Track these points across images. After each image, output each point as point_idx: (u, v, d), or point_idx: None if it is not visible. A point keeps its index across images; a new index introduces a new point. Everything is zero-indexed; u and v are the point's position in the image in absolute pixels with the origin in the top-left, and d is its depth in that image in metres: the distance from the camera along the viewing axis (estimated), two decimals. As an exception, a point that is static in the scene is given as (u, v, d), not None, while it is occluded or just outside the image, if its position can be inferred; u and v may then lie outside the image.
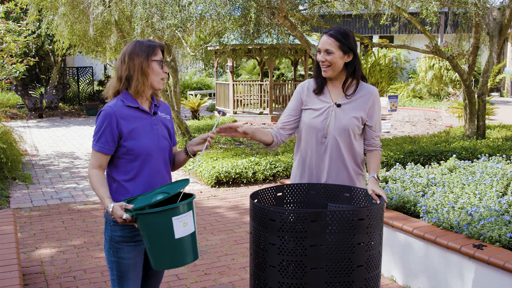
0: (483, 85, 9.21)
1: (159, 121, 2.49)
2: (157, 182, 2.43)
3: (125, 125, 2.37)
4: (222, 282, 3.95)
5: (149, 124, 2.43)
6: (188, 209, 2.13)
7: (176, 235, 2.10)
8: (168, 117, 2.58)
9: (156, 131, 2.45)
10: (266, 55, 14.38)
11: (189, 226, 2.13)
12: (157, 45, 2.42)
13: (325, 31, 2.72)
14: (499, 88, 20.98)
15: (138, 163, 2.39)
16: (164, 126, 2.51)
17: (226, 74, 23.61)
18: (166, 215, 2.08)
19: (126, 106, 2.40)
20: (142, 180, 2.39)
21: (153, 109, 2.48)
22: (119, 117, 2.36)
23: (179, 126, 10.15)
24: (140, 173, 2.39)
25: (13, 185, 7.13)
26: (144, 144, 2.39)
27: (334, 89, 2.76)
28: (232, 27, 7.87)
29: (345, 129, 2.67)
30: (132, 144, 2.37)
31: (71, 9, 8.92)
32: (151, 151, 2.41)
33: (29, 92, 16.37)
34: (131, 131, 2.38)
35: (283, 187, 2.65)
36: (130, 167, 2.39)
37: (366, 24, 10.29)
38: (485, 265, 3.17)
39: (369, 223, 2.16)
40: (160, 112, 2.53)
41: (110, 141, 2.36)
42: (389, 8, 7.74)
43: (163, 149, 2.47)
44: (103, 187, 2.33)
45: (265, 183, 7.18)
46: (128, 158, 2.38)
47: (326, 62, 2.66)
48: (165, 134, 2.51)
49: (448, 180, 4.75)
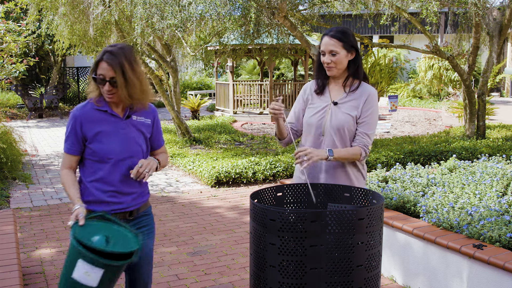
0: (483, 85, 9.21)
1: (132, 125, 2.47)
2: (125, 186, 2.44)
3: (90, 128, 2.40)
4: (222, 282, 3.95)
5: (117, 128, 2.43)
6: (103, 268, 2.09)
7: (74, 274, 2.10)
8: (148, 121, 2.54)
9: (124, 136, 2.44)
10: (266, 55, 14.38)
11: (90, 279, 2.10)
12: (98, 60, 2.36)
13: (324, 33, 2.74)
14: (499, 88, 20.97)
15: (104, 165, 2.41)
16: (138, 130, 2.48)
17: (226, 74, 23.60)
18: (78, 252, 2.09)
19: (95, 109, 2.42)
20: (108, 183, 2.41)
21: (126, 113, 2.46)
22: (84, 120, 2.40)
23: (179, 126, 10.14)
24: (106, 176, 2.41)
25: (13, 185, 7.13)
26: (109, 147, 2.40)
27: (334, 88, 2.81)
28: (232, 27, 7.87)
29: (340, 127, 2.71)
30: (97, 147, 2.40)
31: (71, 9, 8.92)
32: (117, 155, 2.41)
33: (29, 92, 16.36)
34: (96, 134, 2.40)
35: (283, 187, 2.65)
36: (96, 169, 2.42)
37: (366, 24, 10.29)
38: (485, 265, 3.17)
39: (369, 222, 2.16)
40: (138, 116, 2.49)
41: (76, 142, 2.41)
42: (389, 8, 7.74)
43: (132, 154, 2.45)
44: (73, 186, 2.38)
45: (265, 183, 7.18)
46: (94, 160, 2.41)
47: (332, 63, 2.70)
48: (138, 138, 2.48)
49: (448, 180, 4.75)
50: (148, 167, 2.39)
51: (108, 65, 2.31)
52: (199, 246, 4.74)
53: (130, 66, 2.35)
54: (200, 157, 8.21)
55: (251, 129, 12.75)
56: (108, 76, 2.33)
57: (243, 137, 10.74)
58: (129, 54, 2.37)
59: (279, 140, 2.90)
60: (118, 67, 2.31)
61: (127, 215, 2.48)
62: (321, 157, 2.60)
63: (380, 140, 9.45)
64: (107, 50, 2.34)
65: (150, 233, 2.60)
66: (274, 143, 9.85)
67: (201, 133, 11.03)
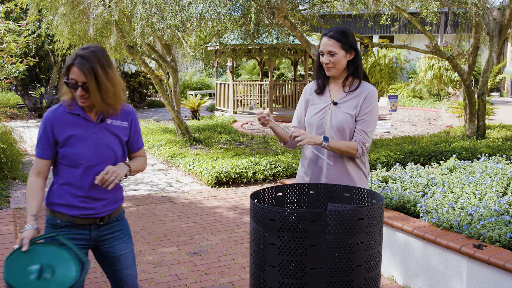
0: (483, 85, 9.21)
1: (105, 129, 2.40)
2: (97, 192, 2.40)
3: (61, 132, 2.34)
4: (222, 282, 3.95)
5: (89, 133, 2.37)
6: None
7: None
8: (125, 123, 2.47)
9: (97, 141, 2.37)
10: (266, 55, 14.38)
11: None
12: (69, 64, 2.28)
13: (324, 33, 2.76)
14: (499, 88, 20.97)
15: (75, 170, 2.36)
16: (112, 134, 2.42)
17: (226, 74, 23.60)
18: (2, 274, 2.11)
19: (67, 113, 2.36)
20: (79, 188, 2.38)
21: (99, 117, 2.39)
22: (56, 123, 2.34)
23: (179, 126, 10.14)
24: (77, 181, 2.37)
25: (13, 185, 7.13)
26: (79, 152, 2.35)
27: (334, 88, 2.83)
28: (232, 27, 7.87)
29: (339, 126, 2.73)
30: (67, 151, 2.34)
31: (71, 9, 8.92)
32: (88, 160, 2.36)
33: (29, 92, 16.36)
34: (68, 138, 2.34)
35: (283, 187, 2.65)
36: (68, 173, 2.38)
37: (366, 24, 10.29)
38: (485, 265, 3.17)
39: (369, 222, 2.16)
40: (113, 120, 2.43)
41: (47, 146, 2.36)
42: (389, 8, 7.74)
43: (105, 159, 2.39)
44: (32, 199, 2.34)
45: (265, 183, 7.18)
46: (65, 164, 2.37)
47: (330, 63, 2.71)
48: (111, 143, 2.42)
49: (448, 180, 4.75)
50: (115, 174, 2.31)
51: (80, 70, 2.24)
52: (199, 246, 4.74)
53: (103, 70, 2.27)
54: (200, 157, 8.21)
55: (251, 129, 12.75)
56: (80, 81, 2.26)
57: (243, 137, 10.74)
58: (102, 58, 2.29)
59: (284, 145, 2.93)
60: (90, 72, 2.24)
61: (97, 221, 2.44)
62: (315, 141, 2.62)
63: (380, 140, 9.45)
64: (79, 54, 2.26)
65: (124, 237, 2.56)
66: (274, 143, 9.85)
67: (201, 133, 11.03)
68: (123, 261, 2.55)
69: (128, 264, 2.58)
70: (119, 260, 2.54)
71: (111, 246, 2.52)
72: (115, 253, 2.52)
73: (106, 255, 2.53)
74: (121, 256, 2.54)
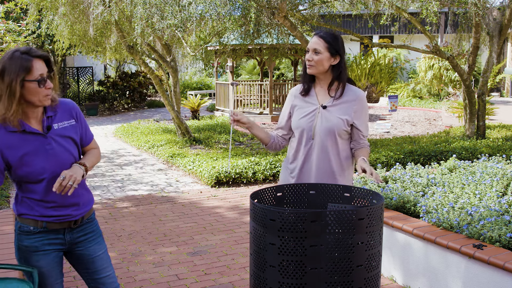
0: (483, 85, 9.21)
1: (56, 136, 2.29)
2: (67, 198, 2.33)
3: (12, 154, 2.20)
4: (222, 282, 3.95)
5: (42, 145, 2.25)
6: None
7: None
8: (72, 121, 2.37)
9: (52, 151, 2.26)
10: (266, 55, 14.38)
11: None
12: (31, 59, 2.12)
13: (316, 32, 2.83)
14: (499, 88, 20.97)
15: (39, 185, 2.27)
16: (64, 138, 2.32)
17: (226, 74, 23.59)
18: None
19: (10, 132, 2.19)
20: (48, 201, 2.31)
21: (45, 124, 2.26)
22: (3, 147, 2.18)
23: (179, 126, 10.15)
24: (44, 195, 2.29)
25: (13, 185, 7.13)
26: (38, 168, 2.23)
27: (320, 91, 2.87)
28: (232, 27, 7.87)
29: (330, 130, 2.77)
30: (25, 172, 2.23)
31: (71, 9, 8.92)
32: (49, 173, 2.26)
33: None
34: (21, 158, 2.21)
35: (283, 187, 2.65)
36: (32, 189, 2.29)
37: (366, 24, 10.29)
38: (485, 265, 3.17)
39: (369, 222, 2.16)
40: (58, 123, 2.31)
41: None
42: (389, 8, 7.74)
43: (66, 164, 2.31)
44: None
45: (265, 183, 7.18)
46: (28, 181, 2.27)
47: (313, 61, 2.76)
48: (66, 148, 2.32)
49: (448, 180, 4.75)
50: (72, 179, 2.19)
51: (42, 61, 2.13)
52: (199, 246, 4.74)
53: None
54: (200, 157, 8.21)
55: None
56: (45, 72, 2.15)
57: (243, 137, 10.74)
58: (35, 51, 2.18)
59: (265, 145, 2.96)
60: (47, 58, 2.16)
61: (71, 224, 2.40)
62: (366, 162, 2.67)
63: (380, 140, 9.45)
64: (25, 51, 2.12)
65: (96, 238, 2.51)
66: (274, 143, 9.84)
67: (201, 133, 11.03)
68: (99, 263, 2.49)
69: (104, 266, 2.51)
70: (95, 262, 2.48)
71: (86, 248, 2.47)
72: (90, 255, 2.47)
73: (81, 257, 2.47)
74: (96, 258, 2.48)
